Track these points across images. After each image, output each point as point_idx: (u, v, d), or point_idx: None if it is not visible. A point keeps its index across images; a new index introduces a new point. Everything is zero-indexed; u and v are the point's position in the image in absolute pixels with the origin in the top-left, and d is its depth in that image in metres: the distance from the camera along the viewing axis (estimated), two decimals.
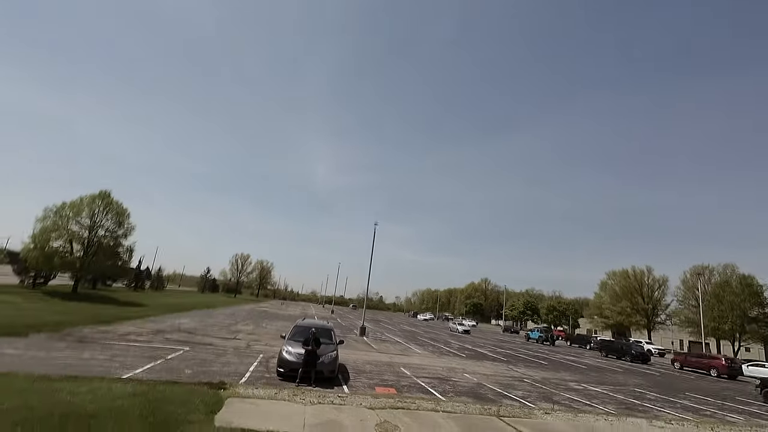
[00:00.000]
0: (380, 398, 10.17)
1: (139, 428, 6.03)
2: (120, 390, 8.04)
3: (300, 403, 8.78)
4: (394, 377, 13.93)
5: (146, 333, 18.09)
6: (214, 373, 11.17)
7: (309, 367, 11.04)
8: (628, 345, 37.37)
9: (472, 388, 13.55)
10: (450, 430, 8.07)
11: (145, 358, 12.34)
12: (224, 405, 7.91)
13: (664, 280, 73.22)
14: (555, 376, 19.72)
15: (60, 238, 35.49)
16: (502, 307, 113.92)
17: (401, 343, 27.37)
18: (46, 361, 10.48)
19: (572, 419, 10.31)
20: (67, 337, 14.49)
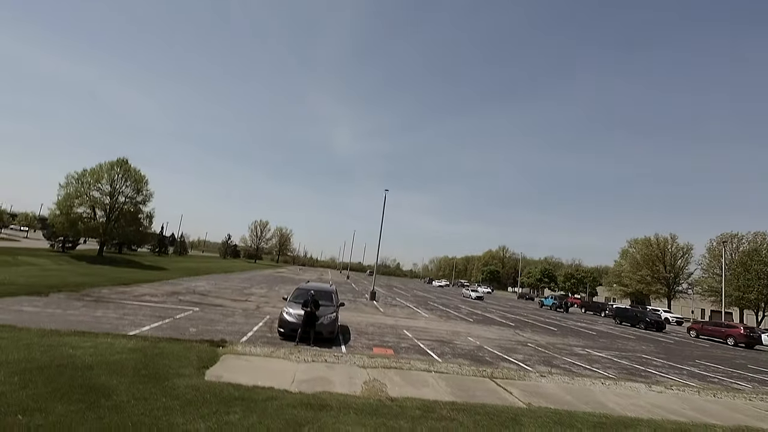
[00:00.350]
0: (375, 358, 10.37)
1: (130, 380, 6.30)
2: (121, 345, 8.42)
3: (294, 361, 9.03)
4: (395, 339, 14.18)
5: (161, 294, 18.89)
6: (217, 332, 11.61)
7: (308, 328, 11.30)
8: (642, 312, 36.92)
9: (472, 351, 13.69)
10: (438, 389, 8.18)
11: (154, 317, 12.90)
12: (219, 361, 8.21)
13: (688, 248, 71.20)
14: (561, 341, 19.73)
15: (83, 205, 36.91)
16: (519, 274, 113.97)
17: (410, 308, 27.81)
18: (60, 318, 11.07)
19: (567, 383, 10.31)
20: (84, 297, 15.26)
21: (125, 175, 39.14)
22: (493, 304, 46.07)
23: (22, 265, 24.61)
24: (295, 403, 6.16)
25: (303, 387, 7.15)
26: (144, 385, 6.16)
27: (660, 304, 70.59)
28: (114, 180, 38.53)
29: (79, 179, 36.93)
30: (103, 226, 37.53)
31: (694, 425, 7.66)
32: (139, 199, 40.40)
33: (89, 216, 37.50)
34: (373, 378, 8.30)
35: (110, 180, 38.25)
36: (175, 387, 6.20)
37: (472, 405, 7.22)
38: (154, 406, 5.41)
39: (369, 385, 7.79)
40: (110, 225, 38.15)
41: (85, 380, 6.05)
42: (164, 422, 4.97)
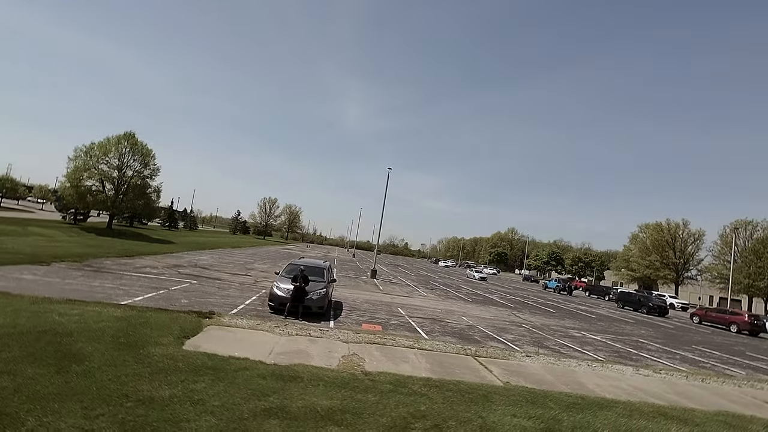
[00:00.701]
0: (361, 334, 10.44)
1: (107, 347, 6.43)
2: (108, 314, 8.59)
3: (277, 334, 9.14)
4: (386, 316, 14.28)
5: (162, 267, 19.24)
6: (209, 304, 11.79)
7: (296, 302, 11.41)
8: (645, 297, 36.59)
9: (463, 330, 13.72)
10: (417, 365, 8.22)
11: (150, 288, 13.15)
12: (201, 332, 8.34)
13: (700, 234, 69.85)
14: (558, 323, 19.69)
15: (92, 178, 37.39)
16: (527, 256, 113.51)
17: (410, 286, 27.97)
18: (57, 287, 11.35)
19: (552, 363, 10.28)
20: (85, 267, 15.61)
21: (132, 148, 39.36)
22: (496, 286, 46.14)
23: (31, 236, 25.25)
24: (266, 374, 6.22)
25: (279, 359, 7.22)
26: (119, 352, 6.27)
27: (668, 289, 69.96)
28: (122, 154, 38.82)
29: (87, 152, 37.27)
30: (111, 200, 38.13)
31: (672, 408, 7.59)
32: (146, 173, 40.74)
33: (98, 189, 38.07)
34: (352, 353, 8.36)
35: (118, 154, 38.56)
36: (149, 355, 6.31)
37: (447, 381, 7.23)
38: (124, 372, 5.51)
39: (347, 359, 7.85)
40: (119, 198, 38.72)
41: (62, 346, 6.18)
42: (129, 387, 5.05)
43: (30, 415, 4.09)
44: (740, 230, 57.99)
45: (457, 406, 6.05)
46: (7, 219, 31.43)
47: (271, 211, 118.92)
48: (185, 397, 5.03)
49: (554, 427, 5.83)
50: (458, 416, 5.69)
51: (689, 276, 71.21)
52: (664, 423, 6.66)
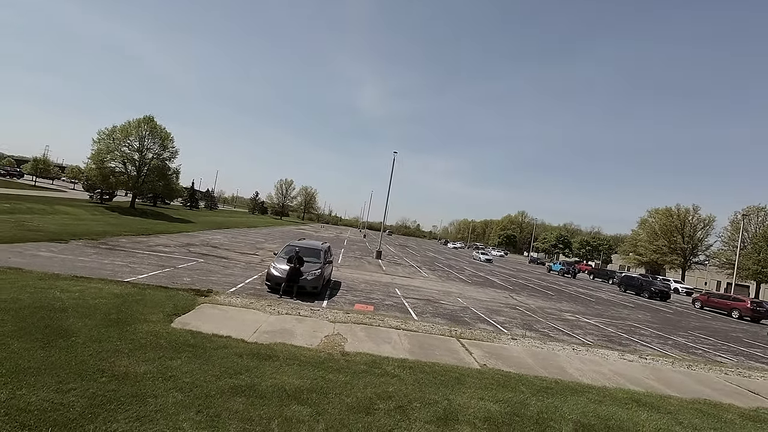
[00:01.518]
0: (351, 314, 10.47)
1: (96, 323, 6.57)
2: (108, 291, 8.79)
3: (267, 312, 9.22)
4: (381, 297, 14.29)
5: (174, 245, 19.62)
6: (209, 282, 11.97)
7: (291, 282, 11.48)
8: (647, 281, 35.76)
9: (455, 312, 13.65)
10: (398, 346, 8.19)
11: (157, 266, 13.42)
12: (193, 309, 8.46)
13: (710, 219, 67.41)
14: (554, 306, 19.45)
15: (114, 160, 38.08)
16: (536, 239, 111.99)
17: (413, 267, 27.95)
18: (68, 264, 11.65)
19: (536, 347, 10.14)
20: (100, 245, 16.02)
21: (152, 132, 39.79)
22: (500, 268, 45.80)
23: (57, 214, 26.03)
24: (244, 353, 6.27)
25: (262, 338, 7.28)
26: (107, 329, 6.40)
27: (675, 274, 68.41)
28: (142, 137, 39.32)
29: (109, 135, 37.89)
30: (133, 180, 38.90)
31: (647, 395, 7.41)
32: (165, 155, 41.26)
33: (121, 170, 38.82)
34: (336, 332, 8.38)
35: (138, 137, 39.07)
36: (135, 332, 6.42)
37: (423, 363, 7.19)
38: (105, 348, 5.62)
39: (329, 339, 7.87)
40: (140, 179, 39.46)
41: (54, 321, 6.33)
42: (107, 363, 5.15)
43: (4, 388, 4.18)
44: (752, 216, 55.61)
45: (426, 388, 6.00)
46: (37, 198, 32.42)
47: (287, 192, 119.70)
48: (159, 373, 5.10)
49: (520, 411, 5.74)
50: (425, 398, 5.64)
51: (697, 261, 69.16)
52: (635, 410, 6.50)
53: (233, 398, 4.80)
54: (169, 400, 4.51)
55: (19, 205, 25.54)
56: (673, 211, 70.05)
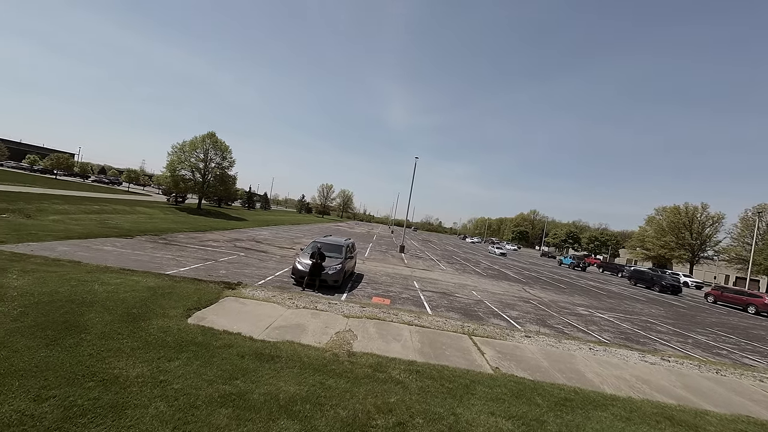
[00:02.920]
0: (367, 308, 9.37)
1: (114, 318, 5.86)
2: (143, 284, 8.20)
3: (285, 306, 8.29)
4: (399, 289, 13.08)
5: (223, 240, 19.38)
6: (242, 275, 11.28)
7: (313, 276, 10.56)
8: (658, 275, 32.04)
9: (469, 306, 12.20)
10: (408, 345, 6.99)
11: (201, 259, 12.95)
12: (216, 302, 7.68)
13: (719, 217, 60.30)
14: (566, 299, 17.40)
15: (184, 169, 39.20)
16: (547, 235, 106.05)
17: (432, 261, 26.47)
18: (124, 257, 11.34)
19: (551, 345, 8.57)
20: (159, 240, 15.90)
21: (214, 145, 40.67)
22: (514, 261, 43.13)
23: (135, 214, 26.83)
24: (247, 353, 5.32)
25: (272, 335, 6.33)
26: (122, 324, 5.66)
27: (682, 268, 62.18)
28: (206, 149, 40.25)
29: (181, 148, 39.06)
30: (199, 185, 39.91)
31: (681, 410, 5.75)
32: (225, 164, 42.03)
33: (189, 177, 39.94)
34: (348, 329, 7.30)
35: (203, 149, 40.04)
36: (147, 328, 5.64)
37: (431, 367, 5.95)
38: (110, 347, 4.84)
39: (339, 336, 6.80)
40: (204, 184, 40.44)
41: (74, 316, 5.67)
42: (103, 365, 4.34)
43: None
44: (764, 214, 49.25)
45: (431, 400, 4.77)
46: (125, 200, 33.85)
47: (328, 194, 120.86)
48: (151, 377, 4.22)
49: (536, 431, 4.39)
50: (429, 412, 4.42)
51: (705, 256, 62.37)
52: (671, 431, 4.94)
53: (219, 410, 3.81)
54: (149, 412, 3.59)
55: (107, 206, 26.55)
56: (681, 209, 63.52)
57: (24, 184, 32.86)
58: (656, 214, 69.88)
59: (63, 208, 21.82)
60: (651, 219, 70.97)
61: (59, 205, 22.33)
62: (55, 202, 22.96)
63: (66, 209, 21.86)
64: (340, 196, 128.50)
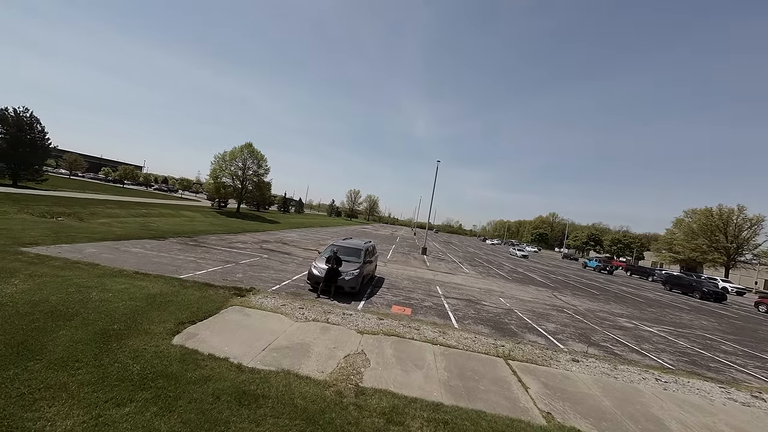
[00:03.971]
0: (385, 320, 7.71)
1: (89, 335, 4.62)
2: (147, 290, 7.05)
3: (293, 318, 6.82)
4: (421, 296, 11.30)
5: (251, 242, 18.50)
6: (258, 279, 10.03)
7: (329, 282, 9.06)
8: (697, 280, 27.73)
9: (498, 316, 10.18)
10: (432, 375, 5.25)
11: (222, 261, 11.90)
12: (218, 313, 6.34)
13: (759, 219, 52.76)
14: (603, 308, 14.77)
15: (225, 176, 39.64)
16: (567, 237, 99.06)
17: (455, 263, 24.30)
18: (146, 259, 10.44)
19: (607, 374, 6.46)
20: (188, 242, 15.16)
21: (251, 155, 40.90)
22: (536, 263, 39.68)
23: (178, 217, 26.93)
24: (228, 390, 3.84)
25: (267, 359, 4.84)
26: (90, 346, 4.38)
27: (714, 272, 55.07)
28: (244, 158, 40.54)
29: (222, 158, 39.58)
30: (237, 191, 40.24)
31: None
32: (261, 172, 42.15)
33: (229, 184, 40.37)
34: (360, 350, 5.68)
35: (242, 158, 40.35)
36: (116, 352, 4.32)
37: (463, 413, 4.18)
38: (53, 382, 3.51)
39: (348, 361, 5.19)
40: (243, 190, 40.73)
41: (39, 335, 4.45)
42: (20, 416, 3.00)
43: None
44: None
45: None
46: (172, 205, 34.54)
47: (355, 199, 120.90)
48: None
49: None
50: None
51: (743, 260, 54.89)
52: None
53: None
54: None
55: (154, 210, 26.86)
56: (713, 211, 56.40)
57: (91, 191, 34.40)
58: (685, 216, 62.87)
59: (114, 212, 22.04)
60: (679, 221, 63.79)
61: (112, 210, 22.61)
62: (109, 207, 23.33)
63: (117, 213, 22.07)
64: (366, 201, 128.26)
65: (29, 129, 29.52)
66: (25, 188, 26.24)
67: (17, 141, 28.37)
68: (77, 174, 65.40)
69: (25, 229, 12.42)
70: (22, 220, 14.75)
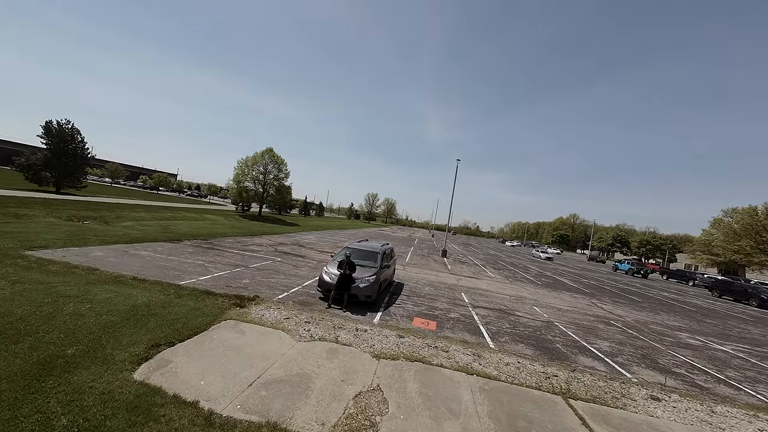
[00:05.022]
0: (406, 337, 6.26)
1: (27, 364, 3.51)
2: (134, 301, 6.00)
3: (297, 336, 5.51)
4: (446, 305, 9.73)
5: (267, 244, 17.61)
6: (265, 285, 8.87)
7: (341, 290, 7.73)
8: (754, 287, 24.12)
9: (538, 331, 8.44)
10: (474, 420, 3.75)
11: (230, 265, 10.89)
12: (204, 332, 5.15)
13: None
14: (654, 319, 12.53)
15: (247, 181, 39.67)
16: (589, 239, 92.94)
17: (477, 266, 22.38)
18: (151, 263, 9.57)
19: (707, 421, 4.67)
20: (202, 245, 14.38)
21: (272, 159, 40.76)
22: (563, 266, 36.70)
23: (201, 221, 26.73)
24: None
25: (251, 402, 3.52)
26: (21, 382, 3.24)
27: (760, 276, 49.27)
28: (265, 163, 40.46)
29: (244, 163, 39.67)
30: (259, 195, 40.16)
31: None
32: (281, 176, 41.93)
33: (252, 188, 40.37)
34: (375, 385, 4.27)
35: (263, 163, 40.28)
36: (48, 393, 3.15)
37: None
38: None
39: (358, 405, 3.79)
40: (264, 194, 40.61)
41: None
42: None
43: None
44: None
45: None
46: (197, 209, 34.79)
47: (374, 202, 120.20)
48: None
49: None
50: None
51: None
52: None
53: None
54: None
55: (179, 214, 26.83)
56: (760, 210, 50.47)
57: (127, 197, 35.28)
58: (724, 215, 56.87)
59: (140, 216, 21.97)
60: (718, 221, 57.74)
61: (138, 213, 22.58)
62: (136, 211, 23.37)
63: (142, 216, 21.98)
64: (384, 204, 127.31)
65: (71, 140, 30.56)
66: (66, 195, 27.00)
67: (60, 151, 29.39)
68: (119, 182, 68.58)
69: (42, 232, 12.01)
70: (47, 224, 14.54)
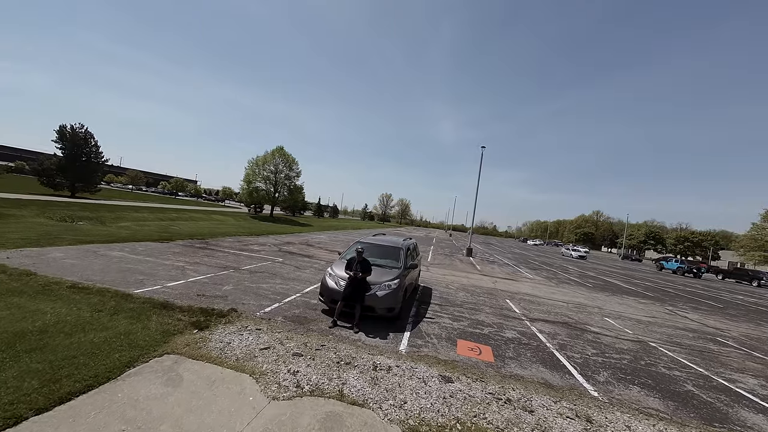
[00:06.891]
0: (455, 381, 3.84)
1: None
2: (33, 320, 3.94)
3: (273, 387, 3.21)
4: (494, 319, 7.20)
5: (271, 244, 15.61)
6: (251, 293, 6.67)
7: (351, 301, 5.40)
8: None
9: (639, 359, 5.78)
10: None
11: (218, 267, 8.81)
12: (114, 379, 2.94)
13: None
14: (765, 333, 9.46)
15: (258, 181, 38.35)
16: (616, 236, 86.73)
17: (509, 266, 19.55)
18: (119, 264, 7.56)
19: None
20: (194, 245, 12.47)
21: (282, 158, 39.33)
22: (600, 265, 32.99)
23: (208, 221, 25.27)
24: None
25: None
26: None
27: None
28: (276, 162, 39.06)
29: (255, 163, 38.42)
30: (271, 195, 38.74)
31: None
32: (292, 175, 40.42)
33: (262, 188, 39.03)
34: None
35: (273, 162, 38.88)
36: None
37: None
38: None
39: None
40: (276, 194, 39.18)
41: None
42: None
43: None
44: None
45: None
46: (208, 211, 33.66)
47: (388, 203, 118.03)
48: None
49: None
50: None
51: None
52: None
53: None
54: None
55: (185, 215, 25.52)
56: None
57: (141, 200, 34.65)
58: None
59: (142, 216, 20.64)
60: None
61: (140, 214, 21.29)
62: (139, 212, 22.12)
63: (144, 217, 20.64)
64: (398, 205, 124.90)
65: (84, 144, 30.05)
66: (79, 198, 26.27)
67: (73, 155, 28.86)
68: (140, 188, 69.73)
69: (13, 232, 10.43)
70: (30, 224, 13.11)
